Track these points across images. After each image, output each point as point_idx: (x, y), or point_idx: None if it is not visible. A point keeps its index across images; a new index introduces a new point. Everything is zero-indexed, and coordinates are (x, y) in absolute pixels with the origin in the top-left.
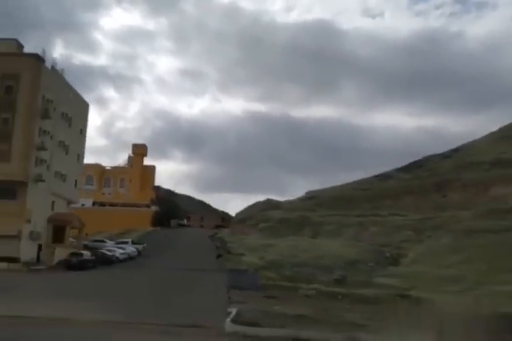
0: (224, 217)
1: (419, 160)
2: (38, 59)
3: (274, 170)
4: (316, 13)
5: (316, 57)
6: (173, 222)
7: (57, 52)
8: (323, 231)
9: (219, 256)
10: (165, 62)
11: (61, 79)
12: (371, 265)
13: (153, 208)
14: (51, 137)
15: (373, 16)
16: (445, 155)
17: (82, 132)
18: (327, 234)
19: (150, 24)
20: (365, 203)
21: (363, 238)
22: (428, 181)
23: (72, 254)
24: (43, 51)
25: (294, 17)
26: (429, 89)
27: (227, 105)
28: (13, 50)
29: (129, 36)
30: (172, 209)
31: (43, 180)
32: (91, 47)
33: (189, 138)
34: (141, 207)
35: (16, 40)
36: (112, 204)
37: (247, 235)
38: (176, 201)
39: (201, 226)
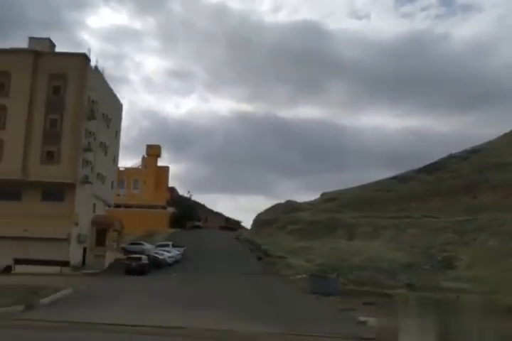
0: (227, 218)
1: (437, 162)
2: (85, 58)
3: (261, 170)
4: (304, 14)
5: (303, 58)
6: (188, 224)
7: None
8: (358, 233)
9: (259, 258)
10: (152, 62)
11: (102, 79)
12: (427, 268)
13: (170, 209)
14: (94, 138)
15: (360, 18)
16: (464, 157)
17: (117, 133)
18: (363, 236)
19: (137, 24)
20: (391, 205)
21: (403, 240)
22: (454, 183)
23: (131, 258)
24: (89, 50)
25: (282, 17)
26: (415, 90)
27: (214, 105)
28: (47, 49)
29: (117, 36)
30: (188, 211)
31: (90, 182)
32: (78, 46)
33: (176, 138)
34: (157, 208)
35: (49, 39)
36: (127, 206)
37: (274, 237)
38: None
39: (206, 228)
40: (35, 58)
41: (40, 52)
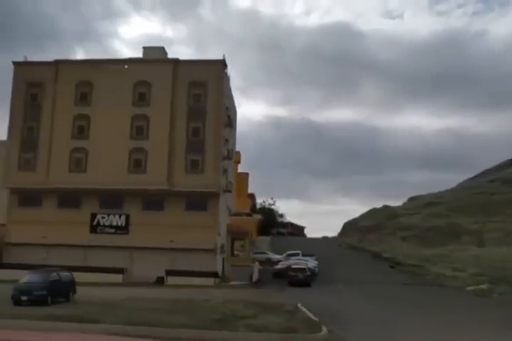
0: (292, 223)
1: None
2: (223, 65)
3: (295, 174)
4: (336, 16)
5: (336, 60)
6: (272, 230)
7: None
8: (489, 240)
9: (391, 267)
10: None
11: (229, 85)
12: None
13: (257, 216)
14: (227, 145)
15: (393, 17)
16: None
17: (235, 140)
18: (495, 242)
19: (169, 31)
20: (506, 209)
21: None
22: None
23: (296, 270)
24: (224, 56)
25: (314, 20)
26: (452, 89)
27: (247, 110)
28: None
29: (149, 44)
30: (271, 217)
31: (230, 191)
32: (111, 56)
33: None
34: (242, 215)
35: (162, 48)
36: None
37: (385, 243)
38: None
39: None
40: (175, 67)
41: (179, 60)
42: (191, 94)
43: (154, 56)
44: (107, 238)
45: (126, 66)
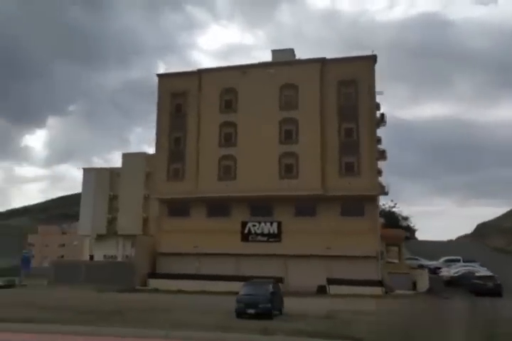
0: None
1: None
2: (373, 60)
3: (385, 174)
4: (422, 7)
5: (423, 53)
6: None
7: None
8: None
9: None
10: None
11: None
12: None
13: (380, 220)
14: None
15: (485, 3)
16: None
17: None
18: None
19: (248, 38)
20: None
21: None
22: None
23: (484, 278)
24: (373, 51)
25: (398, 13)
26: None
27: None
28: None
29: (228, 52)
30: (394, 220)
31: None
32: (191, 66)
33: None
34: None
35: (292, 50)
36: None
37: None
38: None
39: None
40: (322, 66)
41: (326, 59)
42: (341, 93)
43: (284, 59)
44: (259, 246)
45: (272, 70)
